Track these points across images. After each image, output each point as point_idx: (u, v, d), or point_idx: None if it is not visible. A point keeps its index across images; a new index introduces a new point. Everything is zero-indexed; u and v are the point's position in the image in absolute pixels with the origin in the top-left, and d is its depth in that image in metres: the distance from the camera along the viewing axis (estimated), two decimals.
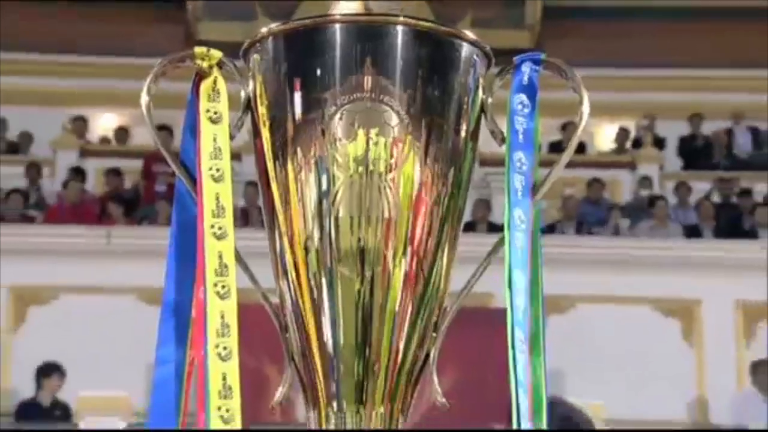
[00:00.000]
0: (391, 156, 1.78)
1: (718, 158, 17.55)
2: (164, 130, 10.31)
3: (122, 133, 17.45)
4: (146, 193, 15.47)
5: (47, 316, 13.62)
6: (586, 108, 1.81)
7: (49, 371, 11.96)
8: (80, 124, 17.41)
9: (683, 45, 17.95)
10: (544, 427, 1.80)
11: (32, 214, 15.19)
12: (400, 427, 1.82)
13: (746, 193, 16.05)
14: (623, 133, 17.71)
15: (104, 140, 17.77)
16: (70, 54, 17.49)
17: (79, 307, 13.19)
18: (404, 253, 1.82)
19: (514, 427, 1.70)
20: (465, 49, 1.84)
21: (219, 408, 1.70)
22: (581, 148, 16.46)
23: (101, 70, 16.84)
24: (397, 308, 1.82)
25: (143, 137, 15.75)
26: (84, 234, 14.07)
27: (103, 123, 18.05)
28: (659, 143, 17.62)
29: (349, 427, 1.79)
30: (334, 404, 1.81)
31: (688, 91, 18.04)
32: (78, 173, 15.76)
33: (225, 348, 1.72)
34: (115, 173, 15.81)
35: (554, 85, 1.97)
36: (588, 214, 15.46)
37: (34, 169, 16.12)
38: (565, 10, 18.04)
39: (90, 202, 15.33)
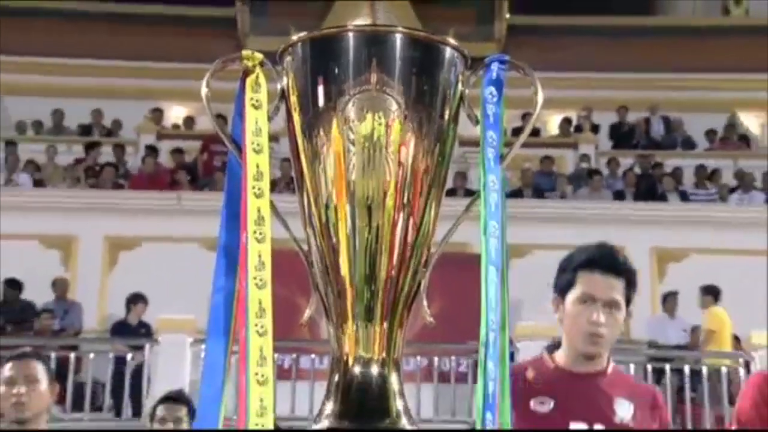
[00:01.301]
0: (392, 134, 1.78)
1: (638, 140, 17.51)
2: (221, 117, 10.28)
3: (189, 121, 17.42)
4: (205, 167, 15.47)
5: (133, 259, 13.67)
6: (540, 96, 1.82)
7: (135, 300, 12.00)
8: (157, 114, 17.40)
9: (613, 54, 17.92)
10: (507, 335, 1.80)
11: (121, 182, 15.21)
12: (397, 338, 1.81)
13: (659, 166, 16.07)
14: (567, 121, 17.67)
15: (175, 126, 17.73)
16: (149, 61, 17.47)
17: (157, 252, 13.23)
18: (402, 208, 1.82)
19: (482, 336, 1.72)
20: (448, 52, 1.83)
21: (256, 325, 1.70)
22: (536, 132, 16.45)
23: (172, 73, 16.79)
24: (396, 250, 1.82)
25: (205, 124, 15.74)
26: (160, 197, 14.10)
27: (175, 113, 18.00)
28: (595, 129, 17.59)
29: (361, 338, 1.78)
30: (349, 322, 1.81)
31: (616, 89, 18.00)
32: (153, 151, 15.78)
33: (261, 279, 1.72)
34: (179, 152, 15.84)
35: (517, 85, 1.95)
36: (541, 183, 15.46)
37: (119, 149, 16.13)
38: (525, 28, 17.99)
39: (163, 172, 15.34)
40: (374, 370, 1.79)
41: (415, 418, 1.82)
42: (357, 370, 1.79)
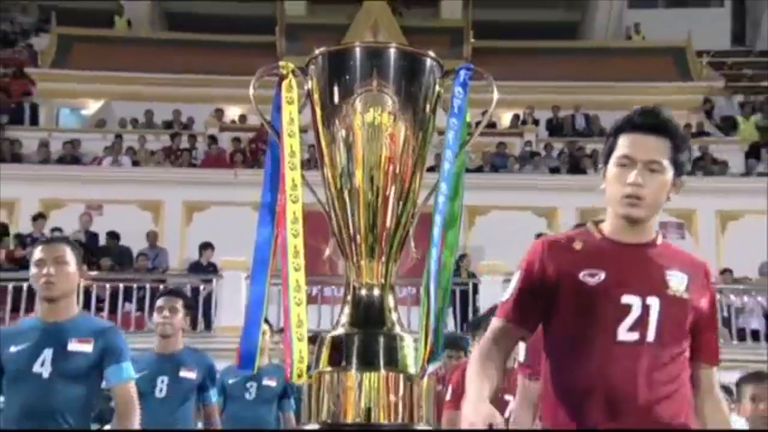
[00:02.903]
0: (388, 122, 1.76)
1: (567, 131, 17.43)
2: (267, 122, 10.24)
3: (242, 118, 17.28)
4: (254, 151, 15.38)
5: (204, 218, 13.65)
6: (495, 94, 1.80)
7: (206, 247, 12.00)
8: (219, 113, 17.27)
9: (548, 68, 17.84)
10: (451, 262, 1.77)
11: (194, 162, 15.19)
12: (392, 270, 1.80)
13: (581, 149, 16.02)
14: (516, 117, 17.56)
15: (232, 122, 17.61)
16: (213, 75, 17.36)
17: (221, 213, 13.20)
18: (395, 177, 1.80)
19: (430, 262, 1.70)
20: (428, 63, 1.81)
21: (293, 263, 1.69)
22: (492, 125, 16.36)
23: (230, 83, 16.57)
24: (390, 207, 1.80)
25: (253, 120, 15.64)
26: (222, 173, 14.06)
27: (232, 113, 17.88)
28: (535, 122, 17.46)
29: (366, 270, 1.77)
30: (357, 258, 1.80)
31: (551, 93, 17.85)
32: (214, 140, 15.77)
33: (296, 230, 1.71)
34: (235, 140, 15.79)
35: (479, 91, 1.93)
36: (497, 161, 15.41)
37: (192, 138, 16.08)
38: (485, 49, 17.81)
39: (224, 155, 15.31)
40: (375, 292, 1.78)
41: (406, 328, 1.82)
42: (363, 292, 1.79)
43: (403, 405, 1.58)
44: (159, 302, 4.26)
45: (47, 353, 2.84)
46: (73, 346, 2.86)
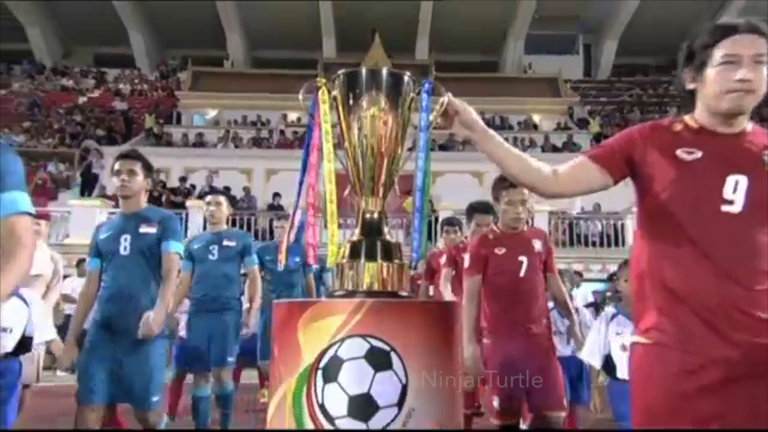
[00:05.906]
0: (382, 115, 1.70)
1: (489, 127, 17.19)
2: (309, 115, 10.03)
3: (298, 119, 17.08)
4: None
5: (276, 179, 13.58)
6: (445, 99, 1.74)
7: (276, 195, 11.95)
8: (285, 116, 17.06)
9: (480, 90, 17.59)
10: (426, 204, 1.68)
11: (270, 146, 15.02)
12: (385, 202, 1.76)
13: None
14: None
15: (292, 122, 17.38)
16: (280, 93, 17.04)
17: (286, 176, 13.11)
18: (386, 148, 1.74)
19: (414, 204, 1.65)
20: (406, 78, 1.74)
21: (329, 193, 1.64)
22: None
23: (290, 98, 16.31)
24: (384, 167, 1.75)
25: (305, 121, 15.43)
26: (286, 152, 13.92)
27: (292, 116, 17.64)
28: None
29: (369, 202, 1.73)
30: (365, 196, 1.76)
31: (481, 105, 17.66)
32: (282, 133, 15.55)
33: (331, 179, 1.66)
34: (295, 132, 15.58)
35: (435, 101, 1.86)
36: (449, 144, 15.27)
37: (269, 131, 15.89)
38: (442, 78, 17.44)
39: (288, 142, 15.15)
40: (375, 216, 1.75)
41: (393, 236, 1.79)
42: (368, 216, 1.76)
43: (391, 281, 1.57)
44: (116, 165, 2.66)
45: None
46: None
